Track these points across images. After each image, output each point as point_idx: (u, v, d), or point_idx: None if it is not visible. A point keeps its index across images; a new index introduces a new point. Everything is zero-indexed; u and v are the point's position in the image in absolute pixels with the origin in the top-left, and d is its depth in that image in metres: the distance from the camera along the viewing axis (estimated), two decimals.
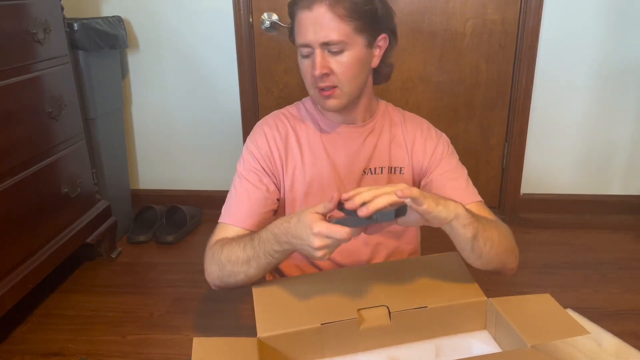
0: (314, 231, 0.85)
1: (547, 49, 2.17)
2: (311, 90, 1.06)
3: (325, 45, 0.99)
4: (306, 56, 1.02)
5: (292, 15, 1.03)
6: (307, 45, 1.00)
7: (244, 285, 1.04)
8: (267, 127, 1.14)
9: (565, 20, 2.14)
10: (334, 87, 1.02)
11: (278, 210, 1.17)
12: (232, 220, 1.10)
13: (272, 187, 1.12)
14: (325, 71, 1.00)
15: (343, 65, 1.01)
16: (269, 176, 1.12)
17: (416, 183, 1.18)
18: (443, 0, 2.13)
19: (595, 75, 2.20)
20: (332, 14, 0.97)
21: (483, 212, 1.12)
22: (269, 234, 0.96)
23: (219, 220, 1.12)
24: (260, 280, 1.03)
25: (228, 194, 1.14)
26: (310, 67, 1.01)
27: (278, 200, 1.15)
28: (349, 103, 1.07)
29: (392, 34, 1.08)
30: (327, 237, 0.84)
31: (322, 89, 1.03)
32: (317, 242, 0.85)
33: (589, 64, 2.19)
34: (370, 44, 1.04)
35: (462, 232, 0.90)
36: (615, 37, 2.14)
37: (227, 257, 1.02)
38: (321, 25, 0.97)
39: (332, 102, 1.04)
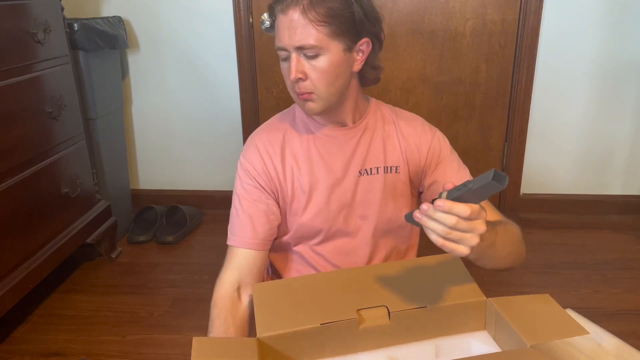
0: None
1: (547, 49, 2.17)
2: (292, 94, 1.06)
3: (300, 49, 0.98)
4: (284, 59, 1.02)
5: (272, 17, 1.03)
6: (283, 49, 1.00)
7: None
8: (260, 141, 1.13)
9: (565, 20, 2.13)
10: (310, 92, 1.02)
11: (281, 224, 1.16)
12: (239, 242, 1.11)
13: (271, 202, 1.12)
14: (299, 76, 0.99)
15: (318, 70, 0.99)
16: (267, 192, 1.12)
17: (413, 182, 1.17)
18: (443, 0, 2.13)
19: (595, 75, 2.20)
20: (305, 19, 0.95)
21: (491, 212, 1.12)
22: None
23: (227, 242, 1.13)
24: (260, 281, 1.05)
25: (230, 214, 1.14)
26: (287, 71, 1.01)
27: (280, 213, 1.15)
28: (328, 108, 1.06)
29: (376, 38, 1.06)
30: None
31: (299, 93, 1.03)
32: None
33: (588, 63, 2.19)
34: (350, 48, 1.02)
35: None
36: (615, 37, 2.14)
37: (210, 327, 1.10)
38: (295, 29, 0.96)
39: (310, 106, 1.04)
